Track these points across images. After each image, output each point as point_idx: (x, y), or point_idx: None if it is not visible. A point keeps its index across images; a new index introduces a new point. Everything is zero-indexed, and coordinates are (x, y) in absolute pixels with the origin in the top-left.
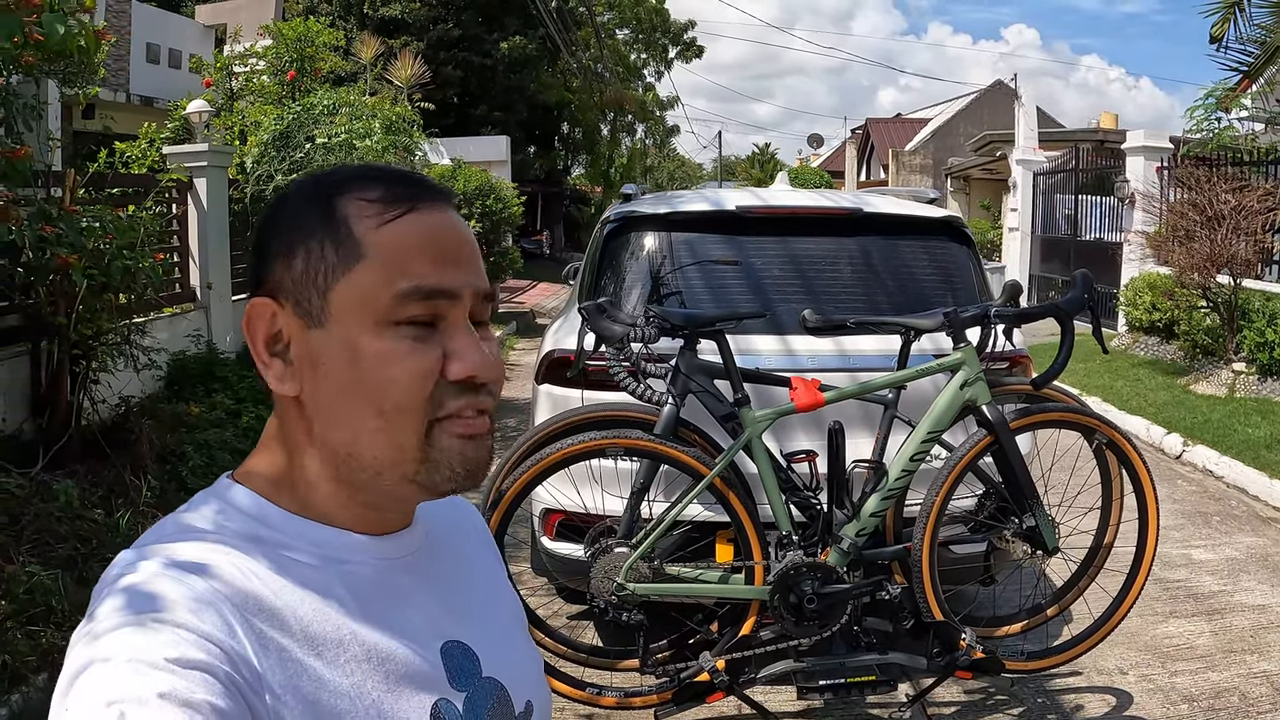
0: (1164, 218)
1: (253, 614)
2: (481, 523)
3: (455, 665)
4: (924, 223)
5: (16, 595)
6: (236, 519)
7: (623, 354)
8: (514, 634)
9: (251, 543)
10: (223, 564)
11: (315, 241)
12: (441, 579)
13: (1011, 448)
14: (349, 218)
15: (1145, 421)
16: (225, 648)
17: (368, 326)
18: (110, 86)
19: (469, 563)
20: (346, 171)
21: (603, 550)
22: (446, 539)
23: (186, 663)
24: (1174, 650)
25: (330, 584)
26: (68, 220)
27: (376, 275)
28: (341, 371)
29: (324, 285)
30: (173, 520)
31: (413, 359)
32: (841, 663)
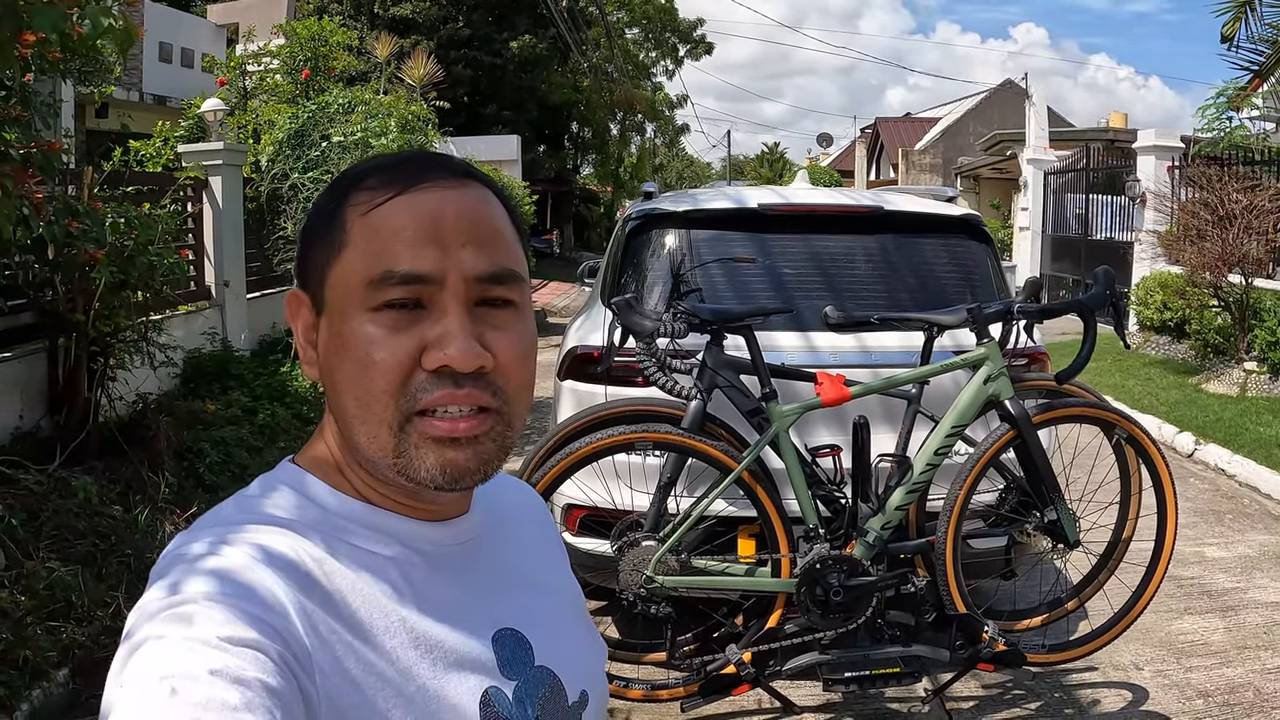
0: (1175, 217)
1: (306, 595)
2: (543, 508)
3: (507, 653)
4: (943, 221)
5: (36, 591)
6: (294, 501)
7: (651, 349)
8: (571, 623)
9: (308, 525)
10: (279, 545)
11: (320, 232)
12: (498, 565)
13: (1034, 442)
14: (345, 207)
15: (1157, 420)
16: (278, 627)
17: (352, 313)
18: (123, 85)
19: (528, 549)
20: (368, 162)
21: (630, 544)
22: (506, 524)
23: (239, 641)
24: (1188, 646)
25: (384, 568)
26: (93, 216)
27: (357, 261)
28: (330, 358)
29: (321, 275)
30: (234, 501)
31: (384, 347)
32: (866, 655)
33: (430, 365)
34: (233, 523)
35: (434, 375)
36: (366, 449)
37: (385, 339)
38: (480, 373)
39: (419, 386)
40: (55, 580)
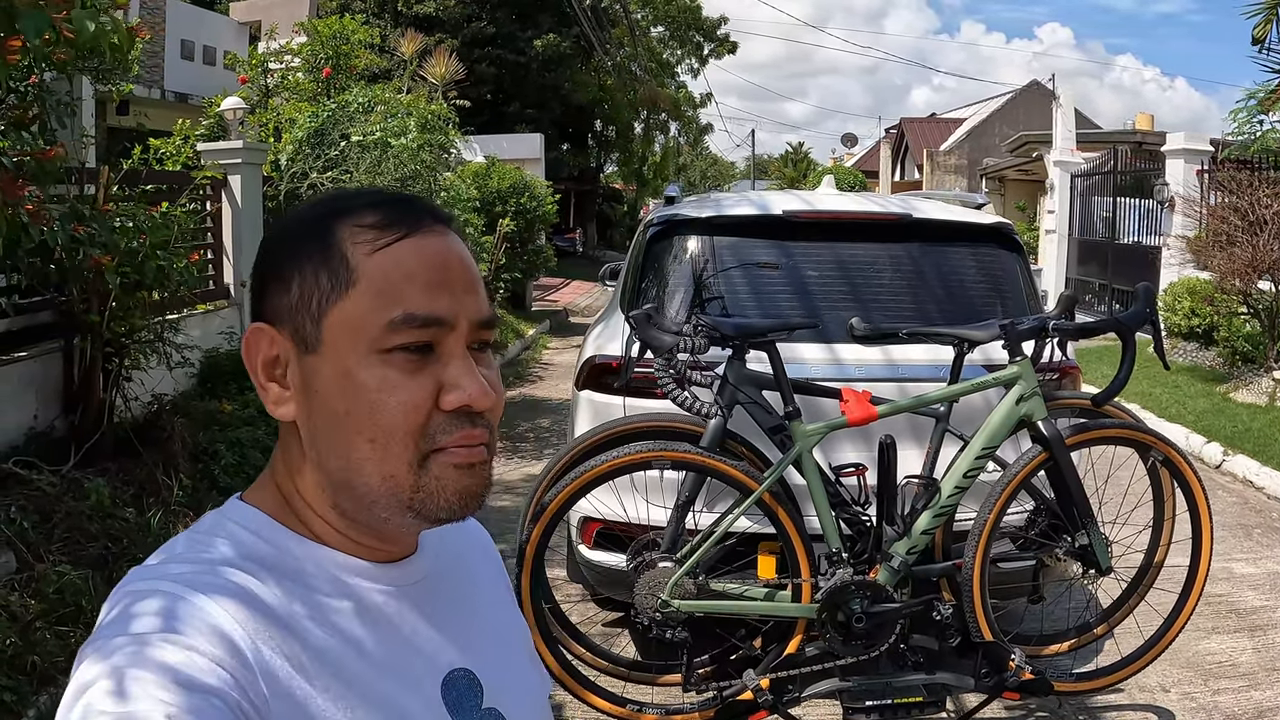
0: (1204, 222)
1: (260, 638)
2: (490, 544)
3: (457, 696)
4: (973, 229)
5: (46, 595)
6: (246, 541)
7: (670, 364)
8: (519, 660)
9: (260, 566)
10: (235, 589)
11: (310, 267)
12: (448, 605)
13: (1067, 465)
14: (343, 243)
15: (1184, 430)
16: (234, 672)
17: (360, 354)
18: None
19: (477, 587)
20: (346, 197)
21: (647, 565)
22: (454, 562)
23: (195, 685)
24: (1216, 668)
25: (338, 609)
26: (100, 220)
27: (369, 302)
28: (333, 399)
29: (318, 311)
30: (184, 539)
31: (404, 389)
32: (888, 682)
33: (450, 406)
34: (188, 562)
35: (451, 415)
36: (376, 489)
37: (403, 381)
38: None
39: (438, 427)
40: (65, 584)
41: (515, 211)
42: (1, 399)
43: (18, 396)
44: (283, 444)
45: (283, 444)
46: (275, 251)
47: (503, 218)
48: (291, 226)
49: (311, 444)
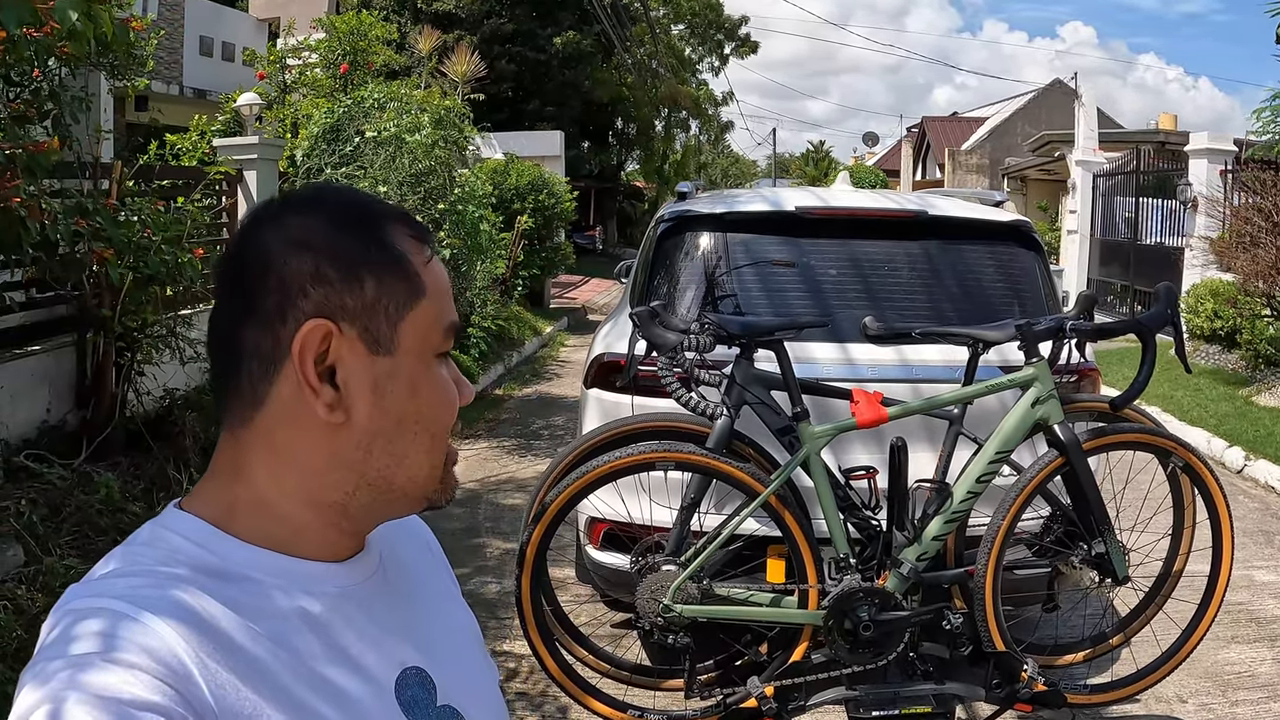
0: (1228, 223)
1: (207, 653)
2: (431, 537)
3: (410, 695)
4: (991, 227)
5: (54, 588)
6: (187, 550)
7: (675, 362)
8: (471, 654)
9: (204, 575)
10: (177, 601)
11: (381, 271)
12: (396, 603)
13: (1084, 470)
14: (408, 254)
15: (1206, 434)
16: (180, 688)
17: (425, 358)
18: (163, 79)
19: (422, 581)
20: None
21: (649, 568)
22: (400, 558)
23: (141, 704)
24: (1235, 678)
25: (286, 615)
26: (104, 214)
27: (433, 310)
28: (404, 400)
29: (395, 316)
30: (122, 553)
31: (451, 388)
32: (896, 692)
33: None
34: (128, 575)
35: None
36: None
37: (449, 382)
38: None
39: None
40: (74, 577)
41: (534, 208)
42: (14, 393)
43: (30, 390)
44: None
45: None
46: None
47: (521, 215)
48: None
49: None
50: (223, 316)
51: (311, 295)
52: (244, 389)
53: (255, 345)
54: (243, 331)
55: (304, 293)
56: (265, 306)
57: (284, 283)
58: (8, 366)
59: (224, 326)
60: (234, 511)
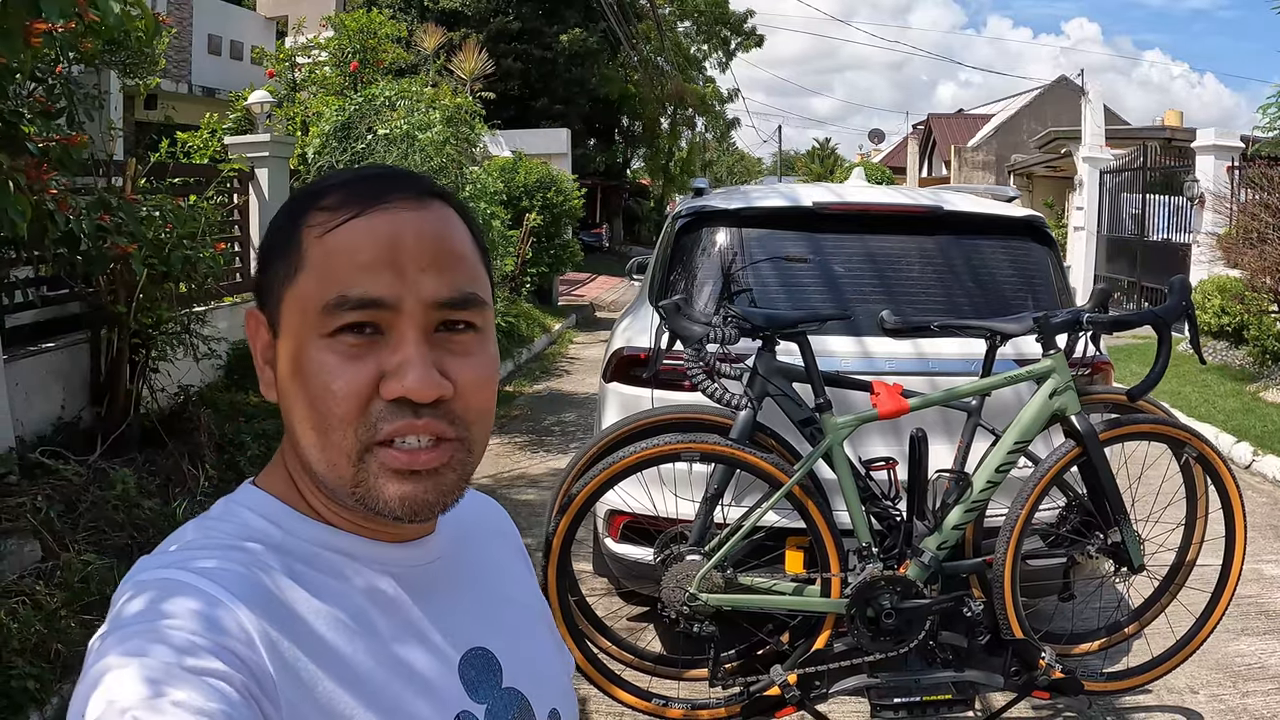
0: (1234, 219)
1: (270, 624)
2: (510, 525)
3: (476, 676)
4: (1005, 222)
5: (71, 584)
6: (256, 525)
7: (699, 355)
8: (540, 639)
9: (272, 551)
10: (242, 572)
11: (277, 253)
12: (465, 585)
13: (1100, 460)
14: (301, 228)
15: (1214, 429)
16: (242, 657)
17: (308, 337)
18: (172, 78)
19: (495, 567)
20: (327, 179)
21: (674, 558)
22: (470, 540)
23: (202, 671)
24: (1245, 670)
25: (349, 593)
26: (126, 209)
27: (312, 285)
28: (286, 383)
29: (277, 296)
30: (194, 526)
31: (342, 375)
32: (916, 680)
33: (388, 395)
34: (197, 548)
35: (393, 405)
36: (325, 476)
37: (341, 367)
38: (439, 401)
39: (378, 415)
40: (90, 573)
41: (542, 206)
42: (29, 390)
43: (45, 387)
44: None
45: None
46: (266, 236)
47: (529, 212)
48: (277, 214)
49: (287, 425)
50: None
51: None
52: None
53: None
54: None
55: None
56: None
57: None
58: (23, 363)
59: None
60: (295, 488)
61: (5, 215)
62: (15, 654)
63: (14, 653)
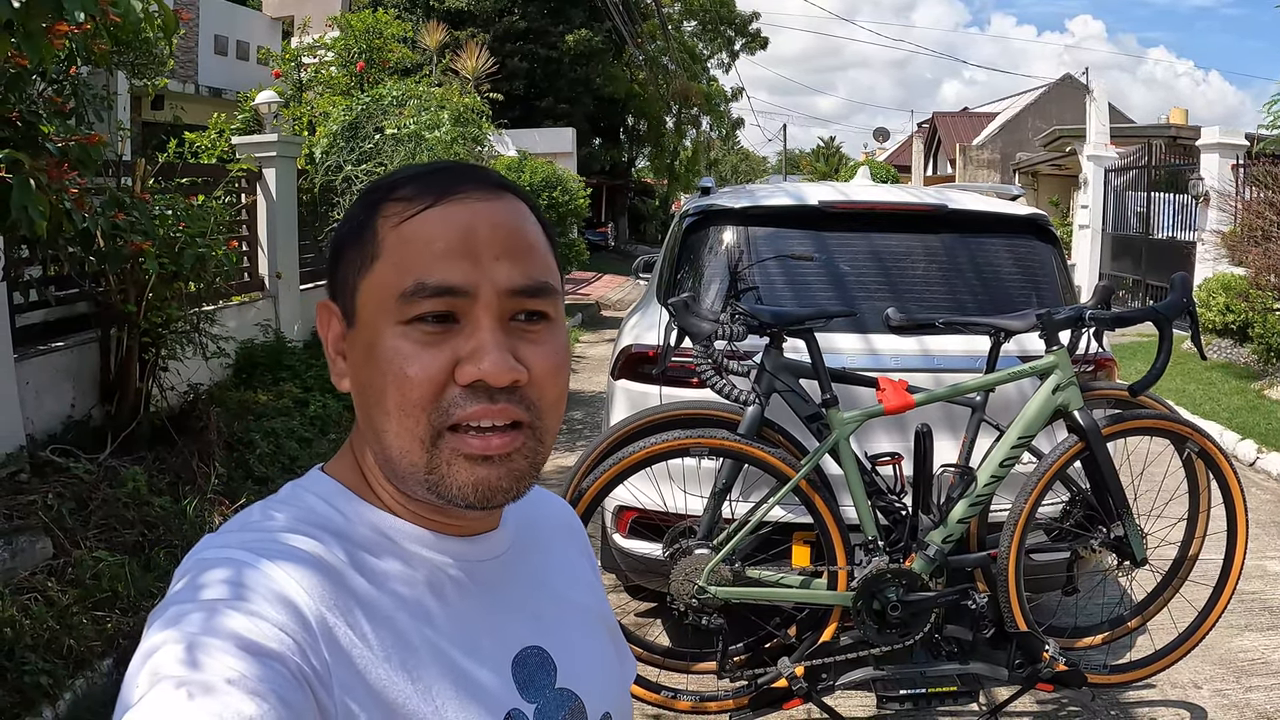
0: (1239, 217)
1: (328, 608)
2: (576, 522)
3: (529, 674)
4: (1009, 220)
5: (82, 580)
6: (319, 510)
7: (708, 351)
8: (598, 642)
9: (334, 536)
10: (303, 556)
11: (351, 242)
12: (527, 582)
13: (1103, 455)
14: (376, 218)
15: (1218, 427)
16: (298, 639)
17: (384, 325)
18: (179, 78)
19: (558, 564)
20: (402, 171)
21: (683, 551)
22: (536, 539)
23: (258, 651)
24: (1249, 665)
25: (409, 583)
26: (140, 208)
27: (389, 273)
28: (362, 370)
29: (353, 285)
30: (260, 507)
31: (418, 360)
32: (922, 672)
33: (464, 380)
34: (260, 529)
35: (468, 390)
36: (399, 463)
37: (417, 353)
38: (514, 387)
39: (452, 401)
40: (102, 569)
41: (547, 205)
42: (40, 388)
43: (55, 386)
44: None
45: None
46: (340, 228)
47: None
48: (354, 205)
49: (360, 414)
50: None
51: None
52: None
53: None
54: None
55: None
56: None
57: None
58: (33, 362)
59: None
60: (363, 477)
61: (25, 214)
62: (28, 649)
63: (26, 648)
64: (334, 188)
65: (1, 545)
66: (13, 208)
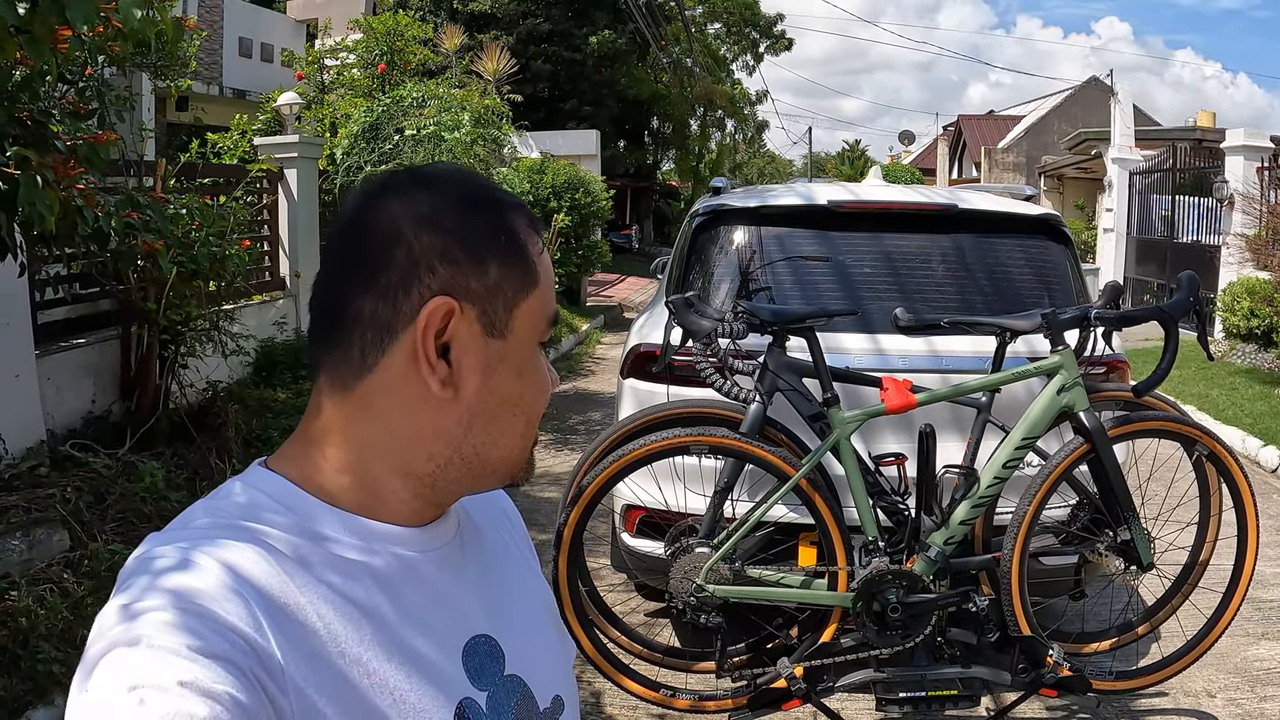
0: (1264, 220)
1: (278, 607)
2: (513, 509)
3: (478, 662)
4: (1021, 220)
5: (97, 573)
6: (265, 505)
7: (710, 349)
8: (542, 626)
9: (279, 529)
10: (251, 554)
11: (505, 259)
12: (471, 570)
13: (1109, 457)
14: (526, 244)
15: (1241, 432)
16: (249, 640)
17: (531, 345)
18: (203, 79)
19: (500, 551)
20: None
21: (683, 550)
22: (478, 527)
23: (209, 652)
24: (1264, 674)
25: (359, 575)
26: (154, 207)
27: (541, 300)
28: (510, 383)
29: (511, 301)
30: (203, 506)
31: (548, 375)
32: (923, 675)
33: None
34: (205, 528)
35: None
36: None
37: (547, 369)
38: None
39: None
40: (118, 563)
41: (570, 207)
42: (60, 384)
43: (76, 382)
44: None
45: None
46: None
47: (557, 213)
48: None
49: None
50: (335, 282)
51: (439, 273)
52: (353, 355)
53: (373, 314)
54: (360, 299)
55: (431, 269)
56: (389, 278)
57: (413, 257)
58: (54, 358)
59: (336, 292)
60: (318, 472)
61: (35, 209)
62: (42, 639)
63: (41, 638)
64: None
65: (19, 537)
66: (20, 203)
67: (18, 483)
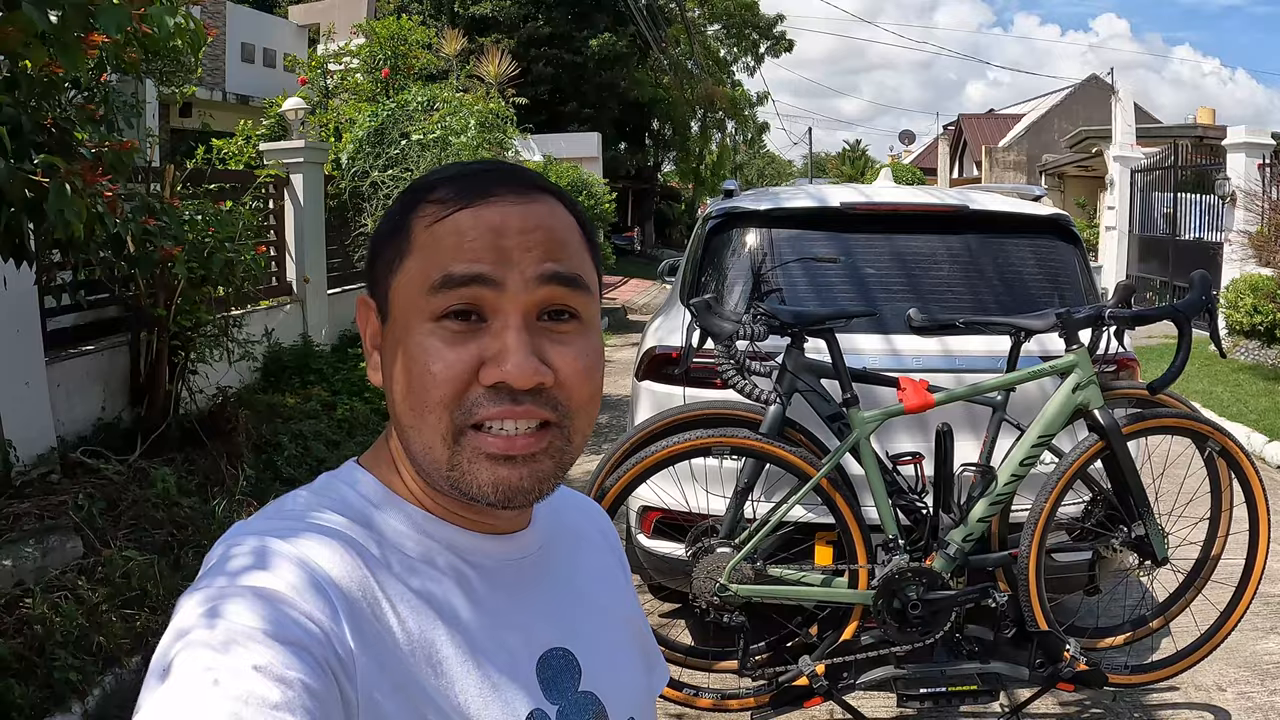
0: (1266, 217)
1: (355, 600)
2: (609, 526)
3: (552, 675)
4: (1031, 221)
5: (112, 579)
6: (354, 502)
7: (729, 351)
8: (625, 646)
9: (365, 527)
10: (334, 547)
11: (387, 241)
12: (555, 584)
13: (1123, 454)
14: (413, 217)
15: (1245, 429)
16: (325, 629)
17: (415, 322)
18: (206, 85)
19: (590, 571)
20: (439, 172)
21: (705, 550)
22: (569, 542)
23: (285, 638)
24: (1274, 668)
25: (437, 578)
26: (170, 213)
27: (419, 268)
28: (391, 365)
29: (386, 282)
30: (293, 498)
31: (443, 357)
32: (942, 671)
33: (487, 381)
34: (290, 519)
35: (491, 390)
36: (421, 458)
37: (442, 350)
38: (540, 388)
39: (475, 401)
40: (131, 569)
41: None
42: (70, 390)
43: (86, 388)
44: None
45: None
46: (379, 226)
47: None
48: (392, 205)
49: (392, 410)
50: None
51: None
52: None
53: None
54: None
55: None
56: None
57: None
58: (64, 365)
59: None
60: (396, 471)
61: (62, 217)
62: (58, 646)
63: (56, 645)
64: (361, 193)
65: (33, 544)
66: (49, 211)
67: (29, 490)
